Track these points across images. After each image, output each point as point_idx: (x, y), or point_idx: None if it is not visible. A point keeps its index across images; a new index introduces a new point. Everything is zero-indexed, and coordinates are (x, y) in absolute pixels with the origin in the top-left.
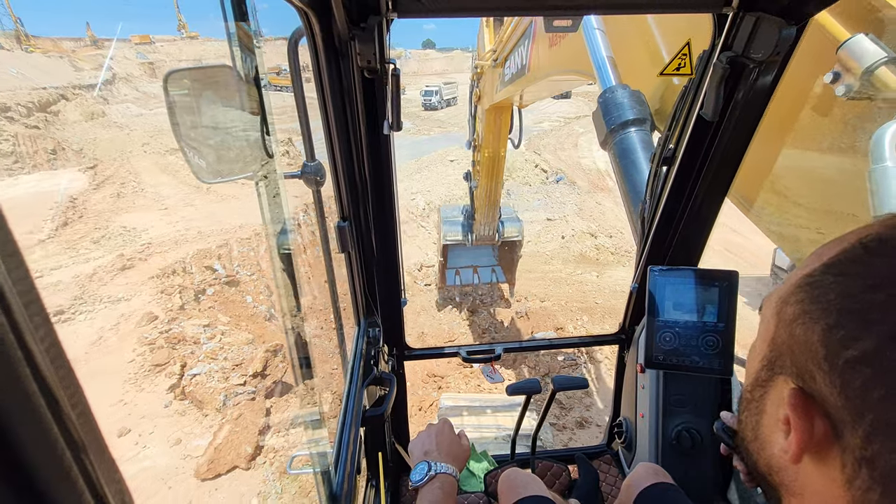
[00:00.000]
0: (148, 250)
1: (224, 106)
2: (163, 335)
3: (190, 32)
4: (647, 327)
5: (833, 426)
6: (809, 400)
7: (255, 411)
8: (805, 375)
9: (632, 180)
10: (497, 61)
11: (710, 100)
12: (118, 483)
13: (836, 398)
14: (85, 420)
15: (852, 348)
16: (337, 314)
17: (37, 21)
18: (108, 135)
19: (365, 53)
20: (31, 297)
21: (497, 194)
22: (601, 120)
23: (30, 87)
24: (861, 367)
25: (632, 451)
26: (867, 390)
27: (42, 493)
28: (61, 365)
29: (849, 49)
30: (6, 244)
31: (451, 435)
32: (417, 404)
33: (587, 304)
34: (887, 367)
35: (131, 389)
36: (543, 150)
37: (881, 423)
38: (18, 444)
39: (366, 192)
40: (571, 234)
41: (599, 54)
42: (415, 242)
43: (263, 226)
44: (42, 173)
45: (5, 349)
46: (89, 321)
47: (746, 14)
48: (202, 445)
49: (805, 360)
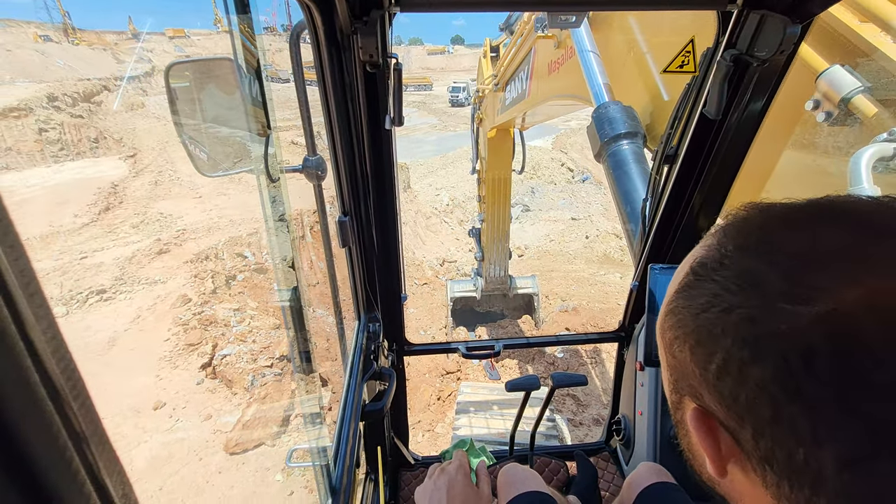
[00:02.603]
0: (183, 236)
1: (226, 98)
2: (196, 317)
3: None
4: (646, 325)
5: (734, 436)
6: (709, 416)
7: (280, 392)
8: (696, 394)
9: (624, 190)
10: (498, 86)
11: (713, 98)
12: (120, 474)
13: (720, 409)
14: (86, 411)
15: (713, 362)
16: (337, 309)
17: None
18: (147, 125)
19: (367, 47)
20: (34, 289)
21: (506, 224)
22: (595, 133)
23: (75, 77)
24: (725, 377)
25: (630, 448)
26: (736, 397)
27: (43, 483)
28: (62, 357)
29: (827, 79)
30: (6, 236)
31: (466, 489)
32: (436, 394)
33: (609, 304)
34: (741, 372)
35: (166, 366)
36: (570, 148)
37: (759, 423)
38: (20, 434)
39: (367, 187)
40: (596, 234)
41: (594, 74)
42: (437, 238)
43: (264, 219)
44: (86, 160)
45: (8, 341)
46: (129, 301)
47: (751, 12)
48: (231, 422)
49: (690, 378)
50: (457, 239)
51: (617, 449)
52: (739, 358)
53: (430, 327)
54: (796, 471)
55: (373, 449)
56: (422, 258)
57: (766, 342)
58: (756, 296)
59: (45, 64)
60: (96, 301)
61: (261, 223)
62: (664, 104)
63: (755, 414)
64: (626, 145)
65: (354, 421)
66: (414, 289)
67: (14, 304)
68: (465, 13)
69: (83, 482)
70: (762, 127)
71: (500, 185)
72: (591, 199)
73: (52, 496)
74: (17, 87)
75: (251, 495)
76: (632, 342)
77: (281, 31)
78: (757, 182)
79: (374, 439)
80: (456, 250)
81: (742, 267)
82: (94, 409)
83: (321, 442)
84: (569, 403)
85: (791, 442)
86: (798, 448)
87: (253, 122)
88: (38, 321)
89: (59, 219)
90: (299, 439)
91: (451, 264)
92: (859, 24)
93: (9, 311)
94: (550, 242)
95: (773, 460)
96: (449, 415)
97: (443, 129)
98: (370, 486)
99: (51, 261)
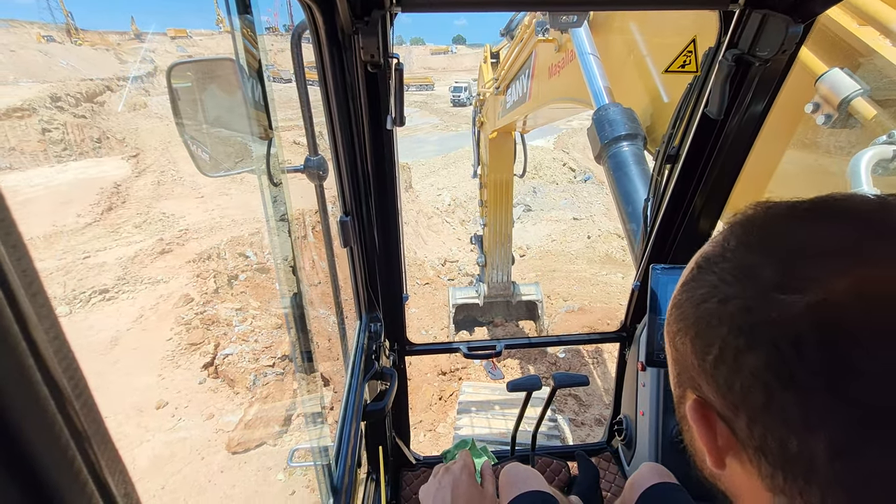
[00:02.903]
0: (185, 236)
1: (227, 99)
2: (198, 316)
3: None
4: (648, 325)
5: (730, 427)
6: (707, 407)
7: (282, 392)
8: (696, 385)
9: (625, 191)
10: (499, 89)
11: (714, 98)
12: (122, 473)
13: (717, 398)
14: (88, 410)
15: (710, 353)
16: (339, 309)
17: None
18: (149, 125)
19: (368, 47)
20: (36, 289)
21: (508, 227)
22: (595, 135)
23: (78, 78)
24: (721, 366)
25: (631, 448)
26: (731, 385)
27: (45, 482)
28: (65, 356)
29: (826, 82)
30: (9, 235)
31: (471, 489)
32: (438, 394)
33: (611, 305)
34: (736, 361)
35: (169, 365)
36: (572, 148)
37: (753, 411)
38: (22, 433)
39: (368, 187)
40: (598, 234)
41: (594, 77)
42: (439, 238)
43: (266, 219)
44: (88, 160)
45: (10, 340)
46: (131, 300)
47: (753, 11)
48: (233, 421)
49: (690, 369)
50: (458, 239)
51: (619, 449)
52: (735, 346)
53: (431, 327)
54: (790, 460)
55: (374, 449)
56: (423, 258)
57: (760, 331)
58: (751, 286)
59: (49, 64)
60: (99, 300)
61: (262, 223)
62: (664, 106)
63: (749, 402)
64: (626, 147)
65: (356, 421)
66: (415, 289)
67: (17, 303)
68: (466, 13)
69: (85, 481)
70: (763, 127)
71: (502, 187)
72: (592, 199)
73: (54, 495)
74: (21, 87)
75: (253, 495)
76: (633, 342)
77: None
78: (758, 183)
79: (376, 439)
80: (457, 250)
81: (741, 260)
82: (97, 408)
83: (323, 442)
84: (570, 403)
85: (784, 430)
86: (790, 436)
87: (254, 123)
88: (41, 321)
89: (63, 218)
90: (301, 439)
91: (453, 264)
92: (858, 27)
93: (11, 310)
94: (552, 242)
95: (767, 449)
96: (450, 415)
97: (444, 128)
98: (371, 486)
99: (54, 260)
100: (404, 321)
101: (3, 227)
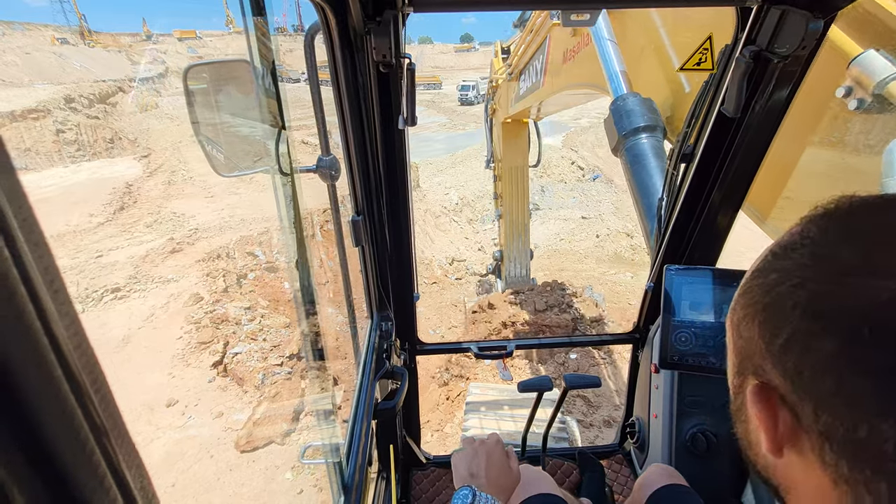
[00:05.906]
0: (195, 235)
1: (241, 99)
2: (208, 315)
3: (237, 28)
4: (662, 327)
5: (793, 412)
6: (770, 392)
7: (290, 390)
8: (759, 370)
9: (643, 185)
10: (512, 75)
11: (731, 95)
12: (139, 467)
13: (783, 383)
14: (106, 405)
15: (780, 336)
16: (350, 308)
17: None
18: (160, 125)
19: (380, 48)
20: (58, 286)
21: (524, 217)
22: (613, 127)
23: (91, 79)
24: (790, 351)
25: (644, 451)
26: (801, 370)
27: (66, 475)
28: (84, 352)
29: (860, 64)
30: (32, 234)
31: (503, 461)
32: (446, 394)
33: (620, 304)
34: (808, 345)
35: (179, 364)
36: (581, 146)
37: (822, 396)
38: (44, 427)
39: (380, 186)
40: (607, 233)
41: (611, 64)
42: (447, 237)
43: (279, 219)
44: (101, 161)
45: (33, 336)
46: (142, 299)
47: (772, 7)
48: (242, 420)
49: (755, 355)
50: (466, 238)
51: (631, 452)
52: (807, 330)
53: (439, 326)
54: (857, 447)
55: (385, 447)
56: (431, 257)
57: (836, 315)
58: (830, 271)
59: (62, 66)
60: (111, 299)
61: (271, 222)
62: (686, 96)
63: (818, 387)
64: (644, 139)
65: (367, 419)
66: (423, 288)
67: (39, 300)
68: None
69: (104, 475)
70: (784, 123)
71: (518, 174)
72: (601, 198)
73: (74, 488)
74: (36, 88)
75: (261, 493)
76: (646, 344)
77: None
78: (777, 179)
79: (386, 438)
80: (465, 249)
81: (820, 246)
82: (115, 403)
83: (334, 439)
84: (579, 404)
85: (854, 415)
86: (861, 423)
87: (268, 123)
88: (61, 317)
89: (76, 218)
90: (309, 438)
91: (461, 263)
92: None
93: (34, 306)
94: (561, 241)
95: (833, 436)
96: (458, 415)
97: (452, 127)
98: (382, 485)
99: (67, 259)
100: (415, 320)
101: (27, 226)
